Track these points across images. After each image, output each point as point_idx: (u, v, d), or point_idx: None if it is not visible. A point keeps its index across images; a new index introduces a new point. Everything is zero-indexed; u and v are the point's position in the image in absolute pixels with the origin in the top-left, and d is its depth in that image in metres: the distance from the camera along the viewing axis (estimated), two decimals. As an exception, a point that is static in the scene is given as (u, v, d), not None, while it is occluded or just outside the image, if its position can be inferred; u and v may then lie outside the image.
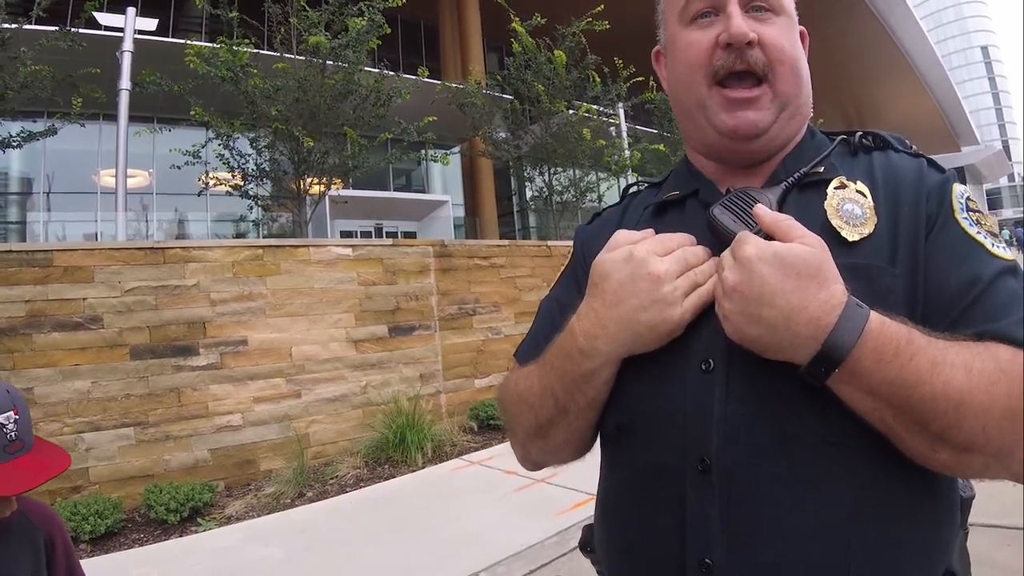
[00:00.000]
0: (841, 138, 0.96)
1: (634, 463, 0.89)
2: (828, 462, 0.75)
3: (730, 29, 0.86)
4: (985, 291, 0.76)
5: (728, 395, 0.80)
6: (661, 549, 0.82)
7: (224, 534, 4.69)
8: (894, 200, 0.85)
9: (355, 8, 8.57)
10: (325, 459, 6.11)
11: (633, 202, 1.10)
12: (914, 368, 0.68)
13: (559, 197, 12.32)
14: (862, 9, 27.46)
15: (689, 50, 0.91)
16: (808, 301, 0.70)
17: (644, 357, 0.86)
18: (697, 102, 0.91)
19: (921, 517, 0.78)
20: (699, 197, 0.97)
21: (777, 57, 0.87)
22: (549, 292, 1.12)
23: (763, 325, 0.72)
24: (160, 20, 16.90)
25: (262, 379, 5.95)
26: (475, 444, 6.55)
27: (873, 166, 0.90)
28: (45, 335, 5.06)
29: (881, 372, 0.69)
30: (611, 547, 0.95)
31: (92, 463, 5.10)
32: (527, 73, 11.41)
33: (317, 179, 8.88)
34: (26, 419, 1.35)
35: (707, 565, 0.77)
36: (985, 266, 0.78)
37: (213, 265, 5.85)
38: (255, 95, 7.97)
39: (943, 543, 0.80)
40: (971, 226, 0.82)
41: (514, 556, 3.86)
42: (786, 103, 0.90)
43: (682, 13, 0.92)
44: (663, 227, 0.93)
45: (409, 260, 7.09)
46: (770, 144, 0.91)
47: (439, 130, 10.26)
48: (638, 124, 17.24)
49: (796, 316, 0.70)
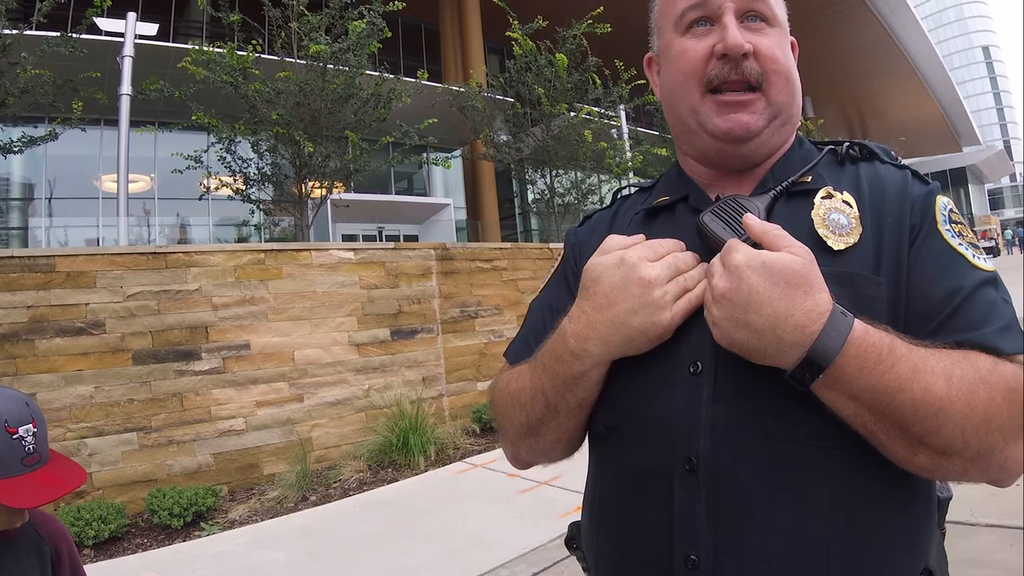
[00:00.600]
0: (829, 148, 0.97)
1: (623, 462, 0.91)
2: (811, 463, 0.78)
3: (726, 40, 0.87)
4: (966, 301, 0.78)
5: (715, 397, 0.82)
6: (649, 546, 0.84)
7: (228, 538, 4.69)
8: (879, 210, 0.87)
9: (355, 12, 8.58)
10: (328, 463, 6.11)
11: (623, 206, 1.12)
12: (895, 375, 0.70)
13: (561, 199, 12.32)
14: (863, 10, 27.48)
15: (684, 58, 0.92)
16: (794, 309, 0.72)
17: (634, 359, 0.87)
18: (690, 108, 0.93)
19: (901, 517, 0.80)
20: (689, 203, 0.98)
21: (772, 67, 0.89)
22: (538, 294, 1.14)
23: (750, 331, 0.74)
24: (161, 25, 16.94)
25: (265, 383, 5.96)
26: (478, 447, 6.55)
27: (859, 176, 0.92)
28: (47, 340, 5.07)
29: (863, 379, 0.71)
30: (599, 544, 0.96)
31: (95, 468, 5.10)
32: (528, 76, 11.42)
33: (319, 183, 8.89)
34: (43, 432, 1.36)
35: (693, 561, 0.79)
36: (966, 277, 0.80)
37: (215, 269, 5.85)
38: (256, 99, 7.98)
39: (922, 543, 0.82)
40: (953, 238, 0.84)
41: (517, 559, 3.85)
42: (779, 111, 0.91)
43: (677, 22, 0.94)
44: (653, 232, 0.95)
45: (411, 263, 7.09)
46: (760, 149, 0.93)
47: (440, 133, 10.28)
48: (639, 126, 17.25)
49: (782, 323, 0.72)
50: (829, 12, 25.47)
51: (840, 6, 25.92)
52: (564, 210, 12.38)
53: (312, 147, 8.05)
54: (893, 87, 36.13)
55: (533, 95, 11.32)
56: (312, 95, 8.10)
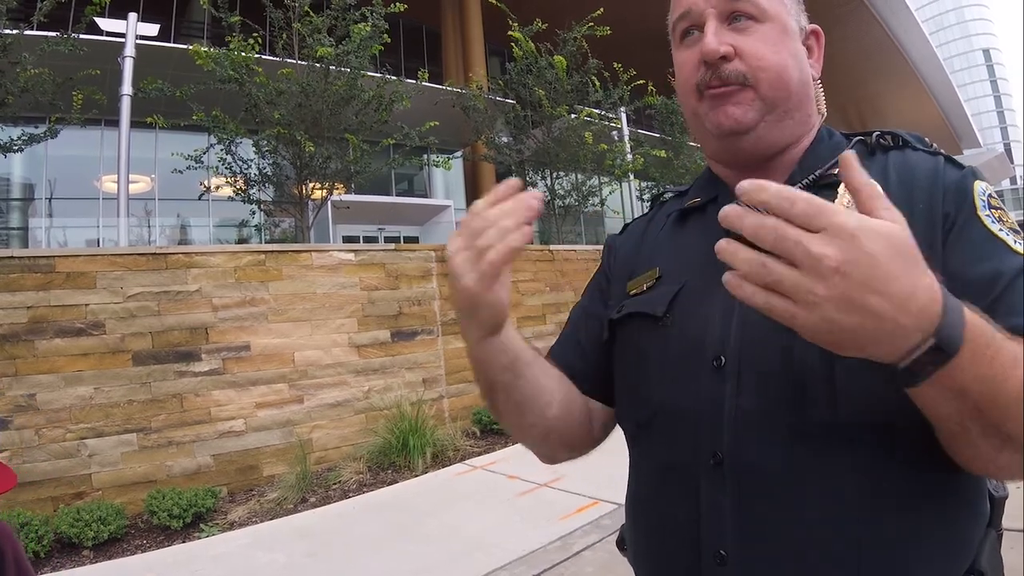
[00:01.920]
0: (859, 139, 0.96)
1: (653, 459, 0.93)
2: (837, 456, 0.76)
3: (702, 47, 0.88)
4: (1008, 287, 0.75)
5: (739, 390, 0.82)
6: (678, 542, 0.86)
7: (227, 540, 4.69)
8: (908, 198, 0.84)
9: (358, 13, 8.58)
10: (328, 464, 6.11)
11: (660, 211, 1.13)
12: (1000, 363, 0.63)
13: (561, 202, 12.31)
14: (864, 13, 27.52)
15: (682, 69, 0.95)
16: (917, 286, 0.60)
17: (659, 354, 0.91)
18: (692, 113, 0.95)
19: (938, 513, 0.78)
20: (718, 203, 0.97)
21: (757, 65, 0.88)
22: (579, 301, 1.17)
23: (866, 314, 0.58)
24: (161, 25, 16.94)
25: (265, 384, 5.95)
26: (478, 449, 6.54)
27: (888, 165, 0.90)
28: (47, 341, 5.06)
29: (976, 367, 0.62)
30: (636, 542, 0.98)
31: (95, 469, 5.09)
32: (528, 78, 11.42)
33: (319, 184, 8.88)
34: None
35: (721, 556, 0.79)
36: (1008, 263, 0.77)
37: (215, 270, 5.85)
38: (258, 98, 7.98)
39: (963, 541, 0.80)
40: (994, 223, 0.80)
41: (517, 561, 3.85)
42: (773, 106, 0.90)
43: (674, 34, 0.97)
44: (685, 234, 1.00)
45: (412, 265, 7.09)
46: (760, 143, 0.91)
47: (441, 134, 10.27)
48: (640, 128, 17.26)
49: (908, 303, 0.59)
50: (830, 14, 25.46)
51: (841, 8, 25.94)
52: (565, 212, 12.38)
53: (313, 148, 8.05)
54: (894, 89, 36.17)
55: (534, 97, 11.32)
56: (314, 96, 8.10)
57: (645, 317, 0.95)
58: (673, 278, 0.96)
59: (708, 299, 0.88)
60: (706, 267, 0.90)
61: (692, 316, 0.90)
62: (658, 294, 0.96)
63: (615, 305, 1.04)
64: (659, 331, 0.93)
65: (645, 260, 1.04)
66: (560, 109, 11.29)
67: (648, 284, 0.99)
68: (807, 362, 0.77)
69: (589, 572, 3.65)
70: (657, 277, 0.98)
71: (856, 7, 26.79)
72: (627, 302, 1.01)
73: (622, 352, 1.01)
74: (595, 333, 1.07)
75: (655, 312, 0.94)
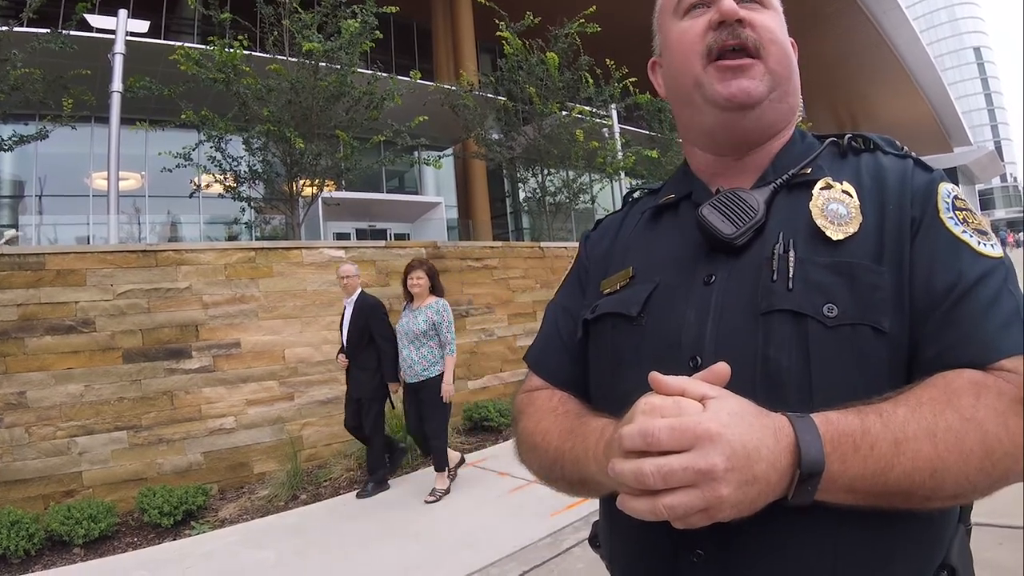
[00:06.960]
0: (831, 140, 0.98)
1: None
2: None
3: (721, 7, 0.89)
4: (967, 293, 0.77)
5: None
6: (656, 541, 0.84)
7: (218, 537, 4.69)
8: (880, 199, 0.86)
9: (348, 10, 8.57)
10: (318, 461, 6.11)
11: (633, 208, 1.14)
12: (877, 456, 0.69)
13: (552, 199, 12.33)
14: (855, 11, 27.57)
15: (684, 36, 0.94)
16: (767, 435, 0.68)
17: (638, 355, 0.89)
18: (694, 82, 0.93)
19: (909, 511, 0.78)
20: (692, 199, 0.99)
21: (768, 37, 0.91)
22: (554, 296, 1.15)
23: (758, 480, 0.67)
24: (152, 22, 16.86)
25: (255, 382, 5.95)
26: (468, 445, 6.56)
27: (860, 167, 0.92)
28: (37, 339, 5.05)
29: (849, 469, 0.69)
30: (613, 542, 0.97)
31: (85, 467, 5.09)
32: (519, 74, 11.42)
33: (310, 181, 8.87)
34: None
35: (698, 555, 0.79)
36: (969, 266, 0.79)
37: (206, 268, 5.84)
38: (247, 96, 7.96)
39: (935, 538, 0.81)
40: (956, 225, 0.82)
41: (508, 557, 3.87)
42: (777, 82, 0.92)
43: (676, 8, 0.97)
44: (658, 231, 1.01)
45: (402, 262, 7.07)
46: (760, 121, 0.93)
47: (432, 132, 10.27)
48: (630, 126, 17.27)
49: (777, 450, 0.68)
50: (821, 13, 25.53)
51: (832, 7, 26.00)
52: (555, 209, 12.39)
53: (303, 144, 8.03)
54: (884, 88, 36.26)
55: (524, 94, 11.33)
56: (303, 92, 8.08)
57: (619, 317, 0.95)
58: (647, 276, 0.95)
59: (683, 298, 0.89)
60: (680, 265, 0.93)
61: (667, 316, 0.89)
62: (632, 293, 0.95)
63: (589, 304, 1.03)
64: (634, 331, 0.92)
65: (619, 258, 1.04)
66: (551, 106, 11.29)
67: (622, 283, 0.98)
68: (782, 363, 0.78)
69: (579, 568, 3.67)
70: (631, 276, 0.98)
71: (847, 6, 26.84)
72: (601, 302, 1.00)
73: (596, 351, 1.00)
74: (575, 331, 1.05)
75: (629, 312, 0.93)
